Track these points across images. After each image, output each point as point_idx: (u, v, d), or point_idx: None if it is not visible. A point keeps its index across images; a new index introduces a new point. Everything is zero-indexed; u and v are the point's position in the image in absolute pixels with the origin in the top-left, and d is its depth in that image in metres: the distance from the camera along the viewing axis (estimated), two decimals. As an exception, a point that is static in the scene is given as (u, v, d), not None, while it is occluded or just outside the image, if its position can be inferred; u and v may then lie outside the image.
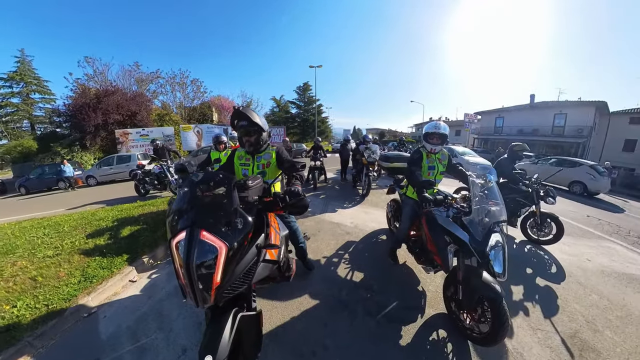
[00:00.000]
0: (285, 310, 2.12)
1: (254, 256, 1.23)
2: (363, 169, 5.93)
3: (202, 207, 1.14)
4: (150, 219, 3.93)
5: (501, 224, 1.80)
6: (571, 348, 1.91)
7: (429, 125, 2.45)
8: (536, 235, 3.71)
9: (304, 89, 37.69)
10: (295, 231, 2.29)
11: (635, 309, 2.48)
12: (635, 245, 4.28)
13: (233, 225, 1.11)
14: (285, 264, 1.69)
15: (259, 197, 1.42)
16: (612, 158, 16.14)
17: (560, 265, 3.19)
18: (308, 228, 3.89)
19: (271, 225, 1.50)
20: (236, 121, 1.86)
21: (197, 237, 1.02)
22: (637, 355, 1.91)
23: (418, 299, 2.37)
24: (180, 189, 1.26)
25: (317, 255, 3.07)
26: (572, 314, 2.31)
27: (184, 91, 24.27)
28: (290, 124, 36.93)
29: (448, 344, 1.85)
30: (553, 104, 21.46)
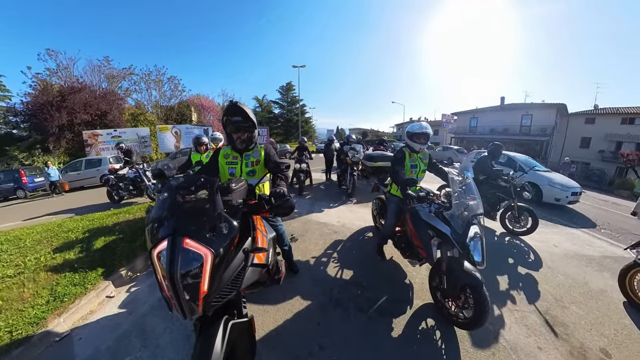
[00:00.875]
0: (277, 313, 2.10)
1: (241, 261, 1.20)
2: (347, 169, 6.02)
3: (183, 213, 1.09)
4: (126, 228, 3.67)
5: (479, 216, 1.94)
6: (544, 324, 2.14)
7: (415, 126, 2.53)
8: (514, 227, 4.02)
9: (287, 89, 37.32)
10: (281, 234, 2.26)
11: (594, 285, 2.81)
12: (593, 231, 4.83)
13: (218, 231, 1.07)
14: (275, 267, 1.66)
15: (243, 199, 1.39)
16: (571, 154, 18.07)
17: (536, 253, 3.50)
18: (295, 229, 3.87)
19: (257, 228, 1.47)
20: (228, 117, 1.80)
21: (180, 246, 0.97)
22: (598, 325, 2.17)
23: (406, 291, 2.47)
24: (159, 195, 1.20)
25: (306, 255, 3.07)
26: (543, 294, 2.56)
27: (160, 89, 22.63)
28: (274, 124, 36.44)
29: (436, 332, 1.97)
30: (520, 105, 23.60)
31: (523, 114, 22.51)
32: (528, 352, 1.85)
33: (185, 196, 1.15)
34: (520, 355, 1.82)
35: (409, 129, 2.57)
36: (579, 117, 21.17)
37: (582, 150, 20.29)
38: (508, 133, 22.53)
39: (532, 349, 1.88)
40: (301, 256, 3.02)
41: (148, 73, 21.52)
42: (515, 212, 3.95)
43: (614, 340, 2.03)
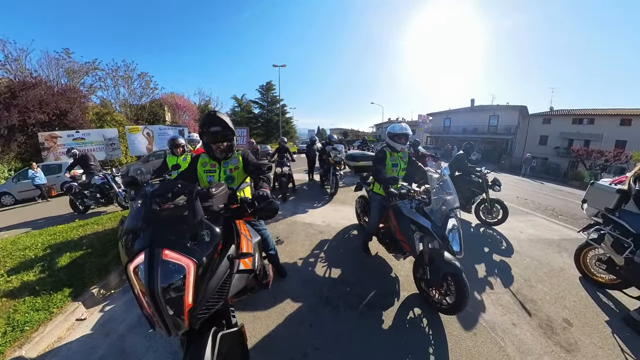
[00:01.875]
0: (268, 319, 2.06)
1: (226, 269, 1.16)
2: (330, 169, 6.07)
3: (160, 222, 1.03)
4: (96, 241, 3.35)
5: (456, 210, 2.09)
6: (516, 303, 2.39)
7: (396, 127, 2.63)
8: (487, 218, 4.38)
9: (267, 89, 36.47)
10: (266, 238, 2.23)
11: (555, 264, 3.18)
12: (552, 216, 5.42)
13: (199, 239, 1.02)
14: (262, 272, 1.63)
15: (224, 204, 1.34)
16: (532, 150, 19.92)
17: (507, 241, 3.85)
18: (281, 231, 3.82)
19: (241, 233, 1.43)
20: (207, 127, 1.73)
21: (158, 258, 0.91)
22: (560, 299, 2.49)
23: (392, 284, 2.56)
24: (133, 204, 1.12)
25: (293, 257, 3.05)
26: (514, 277, 2.84)
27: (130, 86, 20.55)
28: (253, 124, 35.55)
29: (423, 319, 2.09)
30: (488, 107, 25.66)
31: (490, 114, 24.68)
32: (504, 329, 2.05)
33: (161, 204, 1.08)
34: (498, 332, 2.01)
35: (390, 129, 2.67)
36: (538, 118, 23.65)
37: (541, 146, 22.56)
38: (478, 132, 24.65)
39: (507, 325, 2.09)
40: (288, 259, 2.99)
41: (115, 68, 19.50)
42: (487, 205, 4.31)
43: (573, 310, 2.34)
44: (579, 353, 1.88)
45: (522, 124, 24.00)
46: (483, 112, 25.47)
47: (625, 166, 14.49)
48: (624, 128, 19.02)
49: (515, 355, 1.82)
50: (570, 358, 1.83)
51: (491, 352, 1.83)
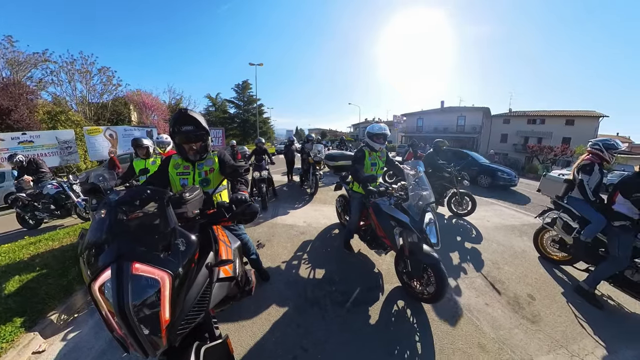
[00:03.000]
0: (254, 326, 1.99)
1: (205, 278, 1.09)
2: (310, 169, 6.04)
3: (128, 233, 0.95)
4: (52, 260, 2.95)
5: (431, 204, 2.20)
6: (488, 285, 2.61)
7: (375, 127, 2.70)
8: (458, 210, 4.73)
9: (244, 88, 35.07)
10: (246, 243, 2.16)
11: (518, 247, 3.53)
12: (513, 205, 6.00)
13: (173, 249, 0.95)
14: (244, 278, 1.56)
15: (200, 210, 1.27)
16: (495, 147, 22.81)
17: (477, 229, 4.17)
18: (261, 235, 3.73)
19: (220, 239, 1.36)
20: (178, 126, 1.61)
21: (128, 273, 0.83)
22: (523, 277, 2.79)
23: (376, 279, 2.63)
24: (96, 214, 1.02)
25: (275, 261, 2.99)
26: (484, 261, 3.10)
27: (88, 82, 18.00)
28: (229, 124, 34.20)
29: (407, 310, 2.17)
30: (456, 108, 28.27)
31: (458, 115, 27.26)
32: (479, 309, 2.24)
33: (129, 213, 0.99)
34: (474, 312, 2.19)
35: (369, 129, 2.73)
36: (499, 118, 26.53)
37: (502, 144, 25.32)
38: (448, 131, 26.94)
39: (481, 306, 2.29)
40: (271, 262, 2.93)
41: (71, 61, 16.78)
42: (458, 198, 4.66)
43: (535, 286, 2.64)
44: (542, 322, 2.13)
45: (486, 124, 26.67)
46: (452, 113, 27.90)
47: (570, 159, 16.60)
48: (568, 127, 22.26)
49: (490, 332, 1.99)
50: (536, 328, 2.06)
51: (469, 332, 1.98)
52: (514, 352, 1.82)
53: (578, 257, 2.81)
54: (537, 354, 1.82)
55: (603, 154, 2.63)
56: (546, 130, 23.14)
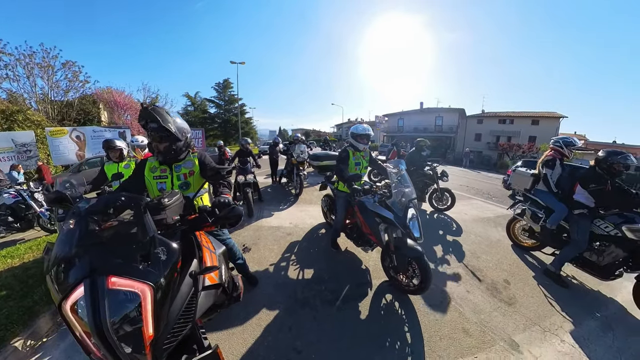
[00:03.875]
0: (244, 333, 1.93)
1: (190, 287, 1.04)
2: (294, 169, 5.97)
3: (102, 245, 0.88)
4: (12, 279, 2.65)
5: (413, 200, 2.30)
6: (469, 273, 2.78)
7: (359, 128, 2.76)
8: (439, 205, 4.98)
9: (225, 86, 33.61)
10: (231, 248, 2.08)
11: (493, 237, 3.78)
12: (488, 199, 6.45)
13: (153, 258, 0.90)
14: (231, 284, 1.51)
15: (180, 215, 1.20)
16: (470, 145, 24.42)
17: (456, 223, 4.40)
18: (247, 238, 3.63)
19: (203, 245, 1.30)
20: (145, 122, 1.53)
21: (103, 288, 0.78)
22: (499, 264, 3.01)
23: (364, 276, 2.68)
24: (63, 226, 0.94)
25: (263, 264, 2.93)
26: (464, 252, 3.28)
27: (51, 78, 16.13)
28: (210, 125, 32.93)
29: (395, 303, 2.24)
30: (435, 109, 30.06)
31: (436, 116, 29.12)
32: (461, 296, 2.38)
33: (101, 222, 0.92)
34: (457, 300, 2.32)
35: (354, 130, 2.78)
36: (473, 119, 28.46)
37: (476, 142, 27.15)
38: (427, 131, 28.52)
39: (463, 293, 2.43)
40: (258, 266, 2.87)
41: (30, 54, 14.92)
42: (438, 194, 4.93)
43: (509, 272, 2.85)
44: (517, 304, 2.32)
45: (461, 124, 28.56)
46: (430, 113, 29.64)
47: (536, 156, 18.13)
48: (534, 126, 24.61)
49: (471, 317, 2.12)
50: (512, 309, 2.24)
51: (453, 318, 2.09)
52: (495, 333, 1.96)
53: (545, 243, 3.08)
54: (515, 333, 1.97)
55: (563, 150, 2.91)
56: (515, 129, 25.39)
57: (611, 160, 2.49)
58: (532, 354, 1.80)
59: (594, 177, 2.57)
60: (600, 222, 2.54)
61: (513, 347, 1.84)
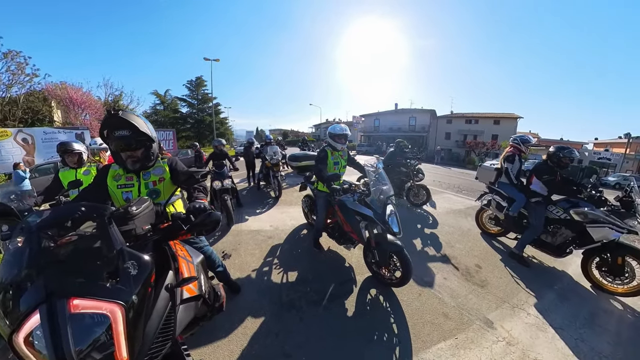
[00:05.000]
0: (230, 344, 1.84)
1: (167, 302, 0.96)
2: (270, 172, 5.82)
3: (59, 263, 0.77)
4: None
5: (391, 197, 2.38)
6: (444, 262, 2.97)
7: (337, 128, 2.81)
8: (415, 201, 5.28)
9: (197, 84, 31.64)
10: (209, 256, 1.97)
11: (464, 227, 4.07)
12: (458, 192, 6.95)
13: (123, 274, 0.81)
14: (212, 294, 1.41)
15: (152, 224, 1.11)
16: (440, 144, 26.87)
17: (432, 216, 4.68)
18: (226, 244, 3.45)
19: (179, 255, 1.22)
20: (110, 130, 1.34)
21: (64, 313, 0.68)
22: (470, 251, 3.25)
23: (348, 273, 2.71)
24: (9, 244, 0.83)
25: (244, 270, 2.81)
26: (440, 242, 3.49)
27: None
28: (181, 125, 30.92)
29: (380, 297, 2.30)
30: (408, 110, 32.02)
31: (410, 116, 31.09)
32: (439, 284, 2.53)
33: (57, 237, 0.82)
34: (435, 287, 2.47)
35: (331, 130, 2.82)
36: (443, 119, 30.90)
37: (446, 141, 29.51)
38: (401, 131, 30.07)
39: (441, 281, 2.59)
40: (240, 272, 2.74)
41: None
42: (415, 190, 5.24)
43: (480, 257, 3.11)
44: (489, 285, 2.55)
45: (433, 124, 30.87)
46: (404, 114, 31.49)
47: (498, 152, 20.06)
48: (496, 126, 27.74)
49: (450, 301, 2.26)
50: (485, 291, 2.45)
51: (434, 304, 2.22)
52: (471, 314, 2.12)
53: (509, 229, 3.42)
54: (488, 312, 2.16)
55: (521, 146, 3.27)
56: (480, 129, 28.26)
57: (560, 154, 2.87)
58: (504, 328, 1.98)
59: (546, 169, 2.93)
60: (553, 207, 2.89)
61: (488, 325, 2.01)
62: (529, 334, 1.95)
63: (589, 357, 1.77)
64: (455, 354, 1.74)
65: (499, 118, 27.77)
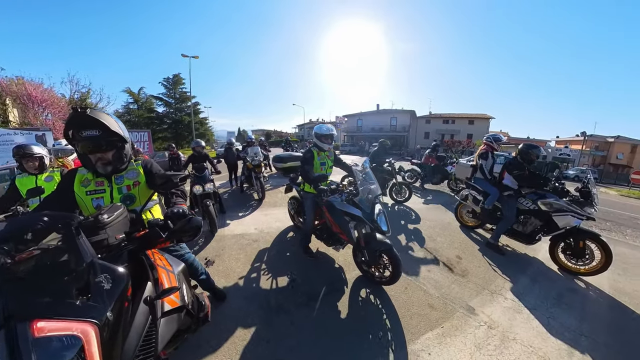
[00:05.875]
0: (219, 356, 1.74)
1: (147, 316, 0.90)
2: (252, 173, 5.67)
3: (19, 281, 0.70)
4: None
5: (379, 196, 2.35)
6: (427, 255, 3.09)
7: (323, 128, 2.76)
8: (398, 198, 5.45)
9: (175, 82, 29.80)
10: (191, 264, 1.86)
11: (445, 220, 4.28)
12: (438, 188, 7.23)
13: (95, 290, 0.74)
14: (196, 304, 1.34)
15: (126, 233, 1.03)
16: (420, 143, 28.62)
17: (414, 212, 4.86)
18: (209, 250, 3.28)
19: (158, 265, 1.14)
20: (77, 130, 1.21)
21: (26, 337, 0.61)
22: (451, 243, 3.42)
23: (339, 274, 2.69)
24: None
25: (230, 276, 2.68)
26: (423, 236, 3.62)
27: None
28: (157, 125, 29.10)
29: (371, 296, 2.31)
30: (390, 111, 33.30)
31: (391, 116, 32.34)
32: (424, 276, 2.63)
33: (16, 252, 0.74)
34: (420, 279, 2.57)
35: (317, 130, 2.77)
36: (422, 119, 32.72)
37: (425, 140, 31.20)
38: (383, 131, 30.92)
39: (425, 273, 2.69)
40: (225, 279, 2.62)
41: None
42: (397, 187, 5.42)
43: (460, 248, 3.28)
44: (469, 274, 2.73)
45: (413, 124, 32.50)
46: (386, 114, 32.71)
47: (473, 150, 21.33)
48: (470, 126, 30.09)
49: (434, 292, 2.36)
50: (466, 280, 2.60)
51: (420, 296, 2.30)
52: (455, 303, 2.23)
53: (485, 221, 3.64)
54: (470, 299, 2.29)
55: (493, 144, 3.52)
56: (456, 128, 30.17)
57: (528, 151, 3.15)
58: (485, 313, 2.12)
59: (516, 165, 3.19)
60: (523, 200, 3.15)
61: (470, 312, 2.12)
62: (507, 316, 2.10)
63: (559, 332, 1.94)
64: (442, 342, 1.81)
65: (473, 118, 29.80)
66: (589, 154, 25.95)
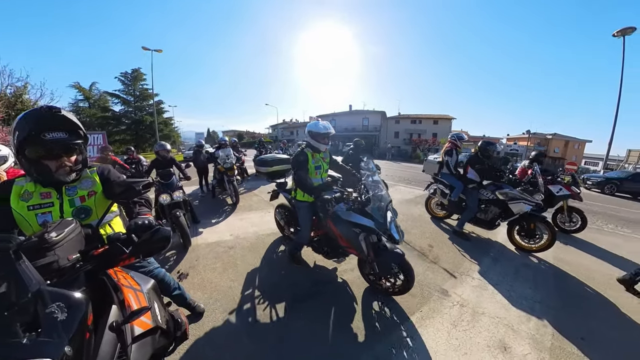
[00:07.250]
0: None
1: (114, 344, 0.80)
2: (224, 177, 5.41)
3: None
4: None
5: (390, 203, 2.08)
6: (404, 247, 3.21)
7: (320, 126, 2.34)
8: None
9: (134, 78, 26.01)
10: (162, 279, 1.69)
11: (416, 213, 4.56)
12: (408, 184, 7.73)
13: (46, 322, 0.63)
14: (171, 323, 1.22)
15: (81, 252, 0.90)
16: (390, 142, 30.14)
17: None
18: (182, 264, 2.97)
19: (123, 285, 1.03)
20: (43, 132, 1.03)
21: None
22: (423, 234, 3.66)
23: (344, 289, 2.42)
24: None
25: (206, 288, 2.45)
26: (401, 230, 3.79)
27: None
28: (114, 127, 25.37)
29: (385, 309, 2.13)
30: (361, 111, 34.55)
31: (363, 117, 33.60)
32: None
33: None
34: None
35: (312, 129, 2.35)
36: (392, 120, 34.50)
37: (395, 139, 33.13)
38: (355, 131, 32.37)
39: None
40: (201, 292, 2.38)
41: None
42: None
43: (431, 238, 3.55)
44: (440, 260, 2.97)
45: (383, 124, 34.38)
46: (358, 115, 33.97)
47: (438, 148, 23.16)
48: (435, 125, 32.65)
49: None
50: (438, 266, 2.82)
51: (396, 283, 2.35)
52: (430, 287, 2.39)
53: (452, 212, 3.99)
54: (443, 283, 2.50)
55: (457, 142, 3.88)
56: (423, 128, 32.83)
57: (487, 148, 3.58)
58: (457, 294, 2.31)
59: (477, 160, 3.59)
60: (484, 191, 3.54)
61: (444, 294, 2.30)
62: (476, 294, 2.32)
63: (518, 302, 2.23)
64: (422, 324, 1.92)
65: (437, 119, 32.42)
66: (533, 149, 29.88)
